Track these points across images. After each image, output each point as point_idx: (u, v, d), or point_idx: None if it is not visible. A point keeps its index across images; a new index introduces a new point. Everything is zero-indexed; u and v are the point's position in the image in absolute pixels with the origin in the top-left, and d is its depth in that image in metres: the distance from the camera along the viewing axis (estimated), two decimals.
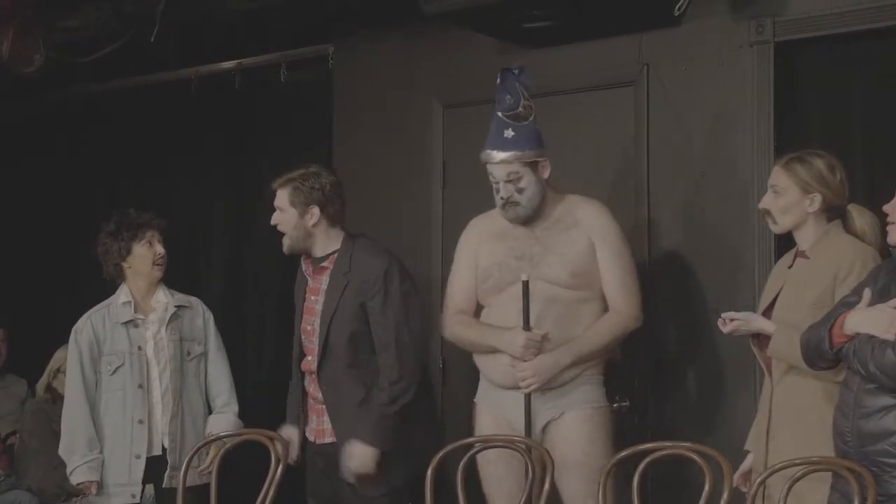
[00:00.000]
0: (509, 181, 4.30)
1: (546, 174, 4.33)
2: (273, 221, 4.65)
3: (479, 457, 4.14)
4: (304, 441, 4.65)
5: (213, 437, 4.62)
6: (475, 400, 4.49)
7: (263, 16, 5.69)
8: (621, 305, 4.29)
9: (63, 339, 5.38)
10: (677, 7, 4.74)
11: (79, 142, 7.07)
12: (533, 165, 4.30)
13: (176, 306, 4.96)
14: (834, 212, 3.89)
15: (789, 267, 3.93)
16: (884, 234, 3.59)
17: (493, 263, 4.37)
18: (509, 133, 4.30)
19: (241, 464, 4.57)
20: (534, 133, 4.33)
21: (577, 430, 4.24)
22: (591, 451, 4.21)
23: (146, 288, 4.96)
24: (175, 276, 5.15)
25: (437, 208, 5.55)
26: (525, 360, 4.22)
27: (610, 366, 4.46)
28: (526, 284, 4.21)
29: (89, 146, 7.02)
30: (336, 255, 4.59)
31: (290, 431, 4.62)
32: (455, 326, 4.49)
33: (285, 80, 6.18)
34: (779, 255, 4.24)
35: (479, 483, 4.33)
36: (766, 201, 3.95)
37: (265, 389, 6.00)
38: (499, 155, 4.31)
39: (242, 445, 4.41)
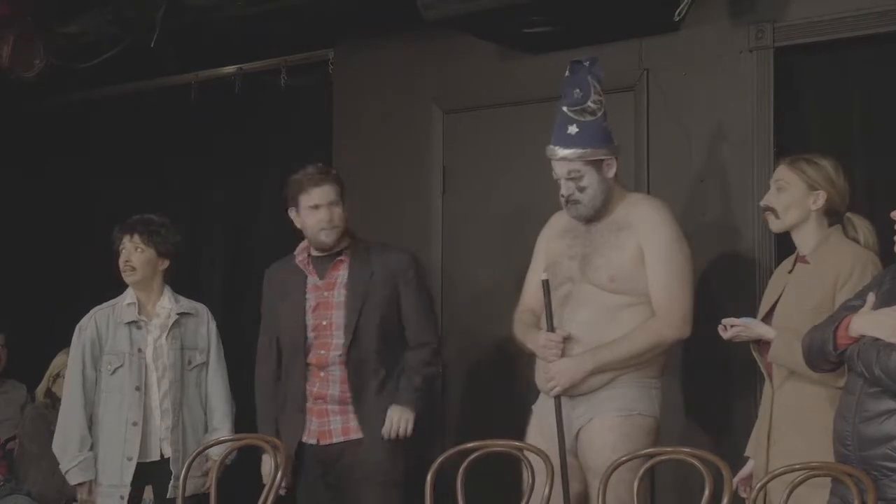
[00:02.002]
0: (570, 179, 4.18)
1: (611, 173, 4.20)
2: (326, 216, 4.56)
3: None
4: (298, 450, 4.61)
5: (211, 442, 4.59)
6: (532, 407, 4.41)
7: (263, 21, 5.69)
8: (661, 312, 4.12)
9: (62, 345, 5.39)
10: (677, 12, 4.75)
11: (79, 147, 7.07)
12: (596, 164, 4.17)
13: (179, 314, 4.92)
14: (834, 216, 3.89)
15: (789, 272, 3.93)
16: (885, 241, 3.58)
17: (551, 262, 4.28)
18: (573, 129, 4.15)
19: (241, 469, 4.57)
20: (600, 130, 4.18)
21: (601, 437, 4.12)
22: (612, 459, 3.91)
23: (145, 292, 4.94)
24: (176, 280, 5.14)
25: (436, 214, 5.55)
26: (549, 362, 4.16)
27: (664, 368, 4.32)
28: (546, 283, 4.15)
29: (90, 151, 7.03)
30: (349, 248, 4.61)
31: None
32: (516, 325, 4.42)
33: (285, 85, 6.19)
34: (779, 260, 4.24)
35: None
36: (769, 198, 3.94)
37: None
38: (560, 152, 4.18)
39: (242, 451, 4.41)
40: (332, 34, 5.95)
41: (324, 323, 4.59)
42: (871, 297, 3.41)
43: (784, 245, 4.23)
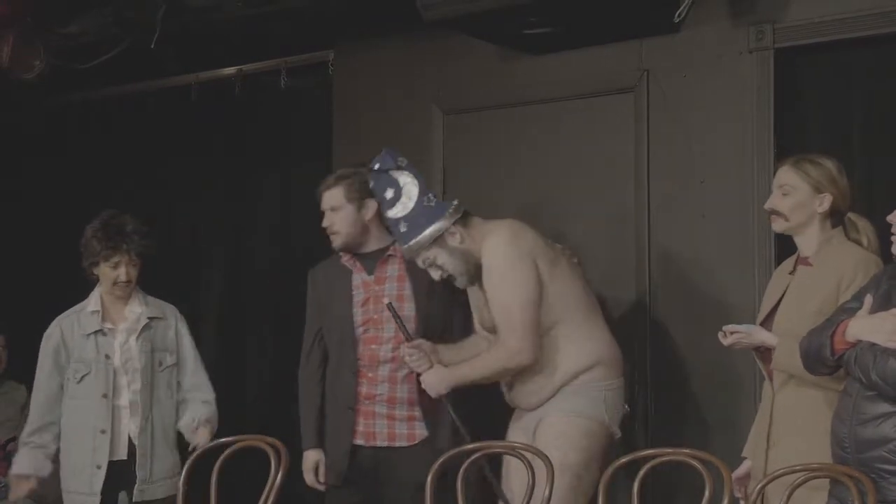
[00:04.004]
0: (426, 265, 4.37)
1: (455, 242, 4.31)
2: (326, 223, 4.62)
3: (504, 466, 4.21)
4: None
5: (212, 444, 4.58)
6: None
7: (263, 22, 5.69)
8: (504, 341, 4.25)
9: None
10: (677, 13, 4.74)
11: (79, 148, 7.07)
12: (439, 240, 4.32)
13: (149, 318, 4.87)
14: (837, 217, 3.88)
15: (790, 273, 3.92)
16: (884, 243, 3.58)
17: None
18: (404, 226, 4.36)
19: (239, 471, 4.57)
20: (421, 217, 4.33)
21: (545, 434, 4.23)
22: (560, 445, 4.13)
23: (122, 297, 4.89)
24: (175, 282, 5.14)
25: None
26: (420, 371, 4.39)
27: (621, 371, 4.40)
28: (390, 306, 4.40)
29: (90, 152, 7.02)
30: (396, 244, 4.57)
31: (315, 455, 4.66)
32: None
33: (285, 87, 6.19)
34: (779, 261, 4.22)
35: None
36: (774, 201, 3.91)
37: (266, 395, 6.00)
38: (406, 252, 4.40)
39: (241, 452, 4.40)
40: (332, 35, 5.95)
41: (375, 317, 4.58)
42: (868, 299, 3.40)
43: (784, 246, 4.23)
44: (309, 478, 4.69)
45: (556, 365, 4.27)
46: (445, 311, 4.60)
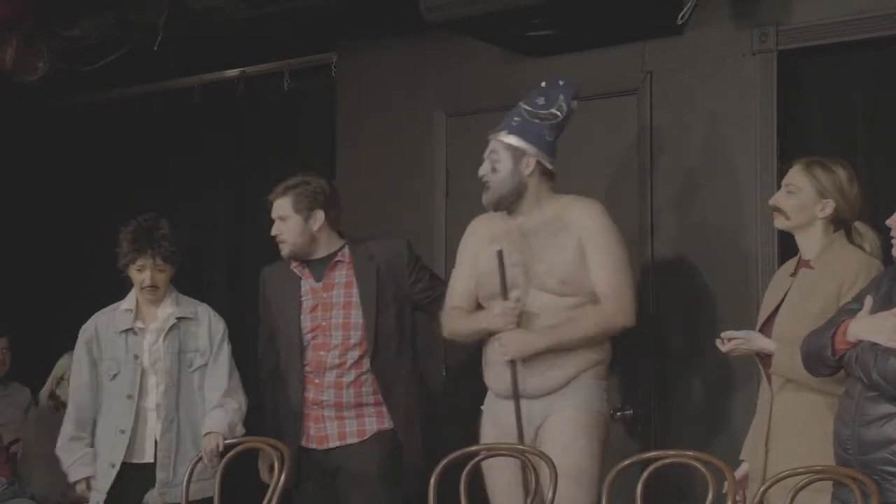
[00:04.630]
0: (489, 160, 4.34)
1: (526, 171, 4.29)
2: (274, 232, 4.69)
3: (484, 465, 4.14)
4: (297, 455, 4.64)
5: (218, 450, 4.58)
6: (482, 408, 4.48)
7: (266, 24, 5.70)
8: (609, 300, 4.22)
9: (66, 348, 5.39)
10: (680, 15, 4.75)
11: (82, 150, 7.07)
12: (516, 155, 4.29)
13: (178, 317, 4.87)
14: (840, 224, 3.87)
15: (791, 275, 3.92)
16: (885, 246, 3.58)
17: (489, 271, 4.33)
18: (516, 120, 4.33)
19: (244, 472, 4.58)
20: (537, 132, 4.30)
21: (559, 429, 4.20)
22: (572, 448, 4.13)
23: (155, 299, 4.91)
24: (177, 283, 5.13)
25: (440, 218, 5.55)
26: (506, 331, 4.26)
27: (612, 371, 4.44)
28: (500, 253, 4.25)
29: (93, 154, 7.03)
30: (346, 248, 4.67)
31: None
32: (451, 322, 4.48)
33: (288, 89, 6.20)
34: (781, 263, 4.23)
35: (481, 491, 4.33)
36: (778, 199, 3.92)
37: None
38: (492, 133, 4.37)
39: (245, 454, 4.41)
40: (336, 37, 5.96)
41: (323, 324, 4.63)
42: (868, 301, 3.41)
43: (787, 248, 4.23)
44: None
45: (576, 352, 4.25)
46: (393, 318, 4.63)
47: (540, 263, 4.26)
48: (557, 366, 4.23)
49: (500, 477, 4.27)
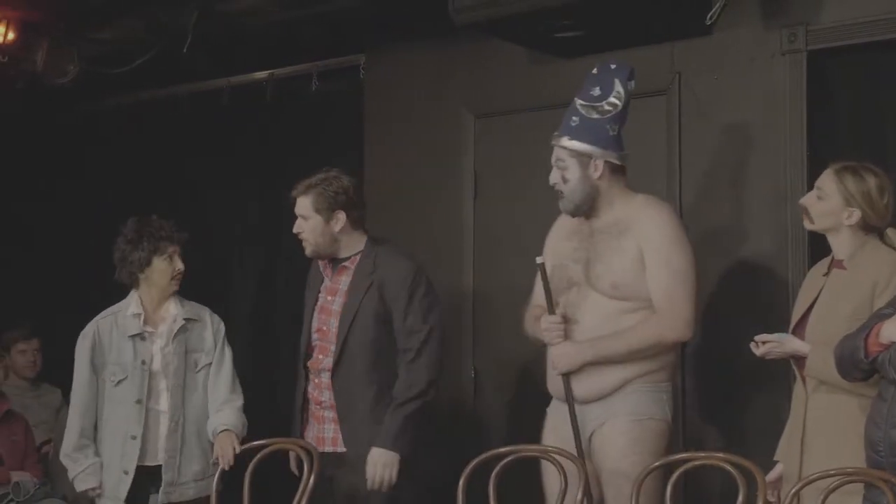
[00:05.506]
0: (557, 168, 4.24)
1: (596, 174, 4.18)
2: (296, 230, 4.61)
3: (542, 464, 4.13)
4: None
5: (244, 447, 4.60)
6: (547, 410, 4.41)
7: (295, 26, 5.72)
8: (663, 313, 4.10)
9: None
10: (709, 16, 4.74)
11: (111, 152, 7.11)
12: (583, 160, 4.18)
13: (185, 319, 4.85)
14: (871, 230, 3.84)
15: (824, 275, 3.90)
16: None
17: (557, 264, 4.27)
18: (575, 121, 4.21)
19: (271, 473, 4.58)
20: (599, 130, 4.17)
21: (613, 441, 4.13)
22: (623, 464, 4.05)
23: (158, 299, 4.86)
24: (207, 285, 5.15)
25: (468, 219, 5.56)
26: (553, 345, 4.19)
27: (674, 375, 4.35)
28: (542, 266, 4.20)
29: (122, 157, 7.07)
30: (359, 255, 4.56)
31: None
32: (526, 322, 4.43)
33: (316, 90, 6.21)
34: (812, 264, 4.20)
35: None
36: (808, 200, 3.91)
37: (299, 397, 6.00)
38: (555, 139, 4.25)
39: (273, 455, 4.42)
40: (364, 39, 5.97)
41: (324, 328, 4.59)
42: None
43: (818, 249, 4.21)
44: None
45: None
46: (367, 337, 4.47)
47: (599, 264, 4.18)
48: (608, 371, 4.15)
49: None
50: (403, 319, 4.46)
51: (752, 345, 3.90)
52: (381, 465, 4.38)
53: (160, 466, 4.71)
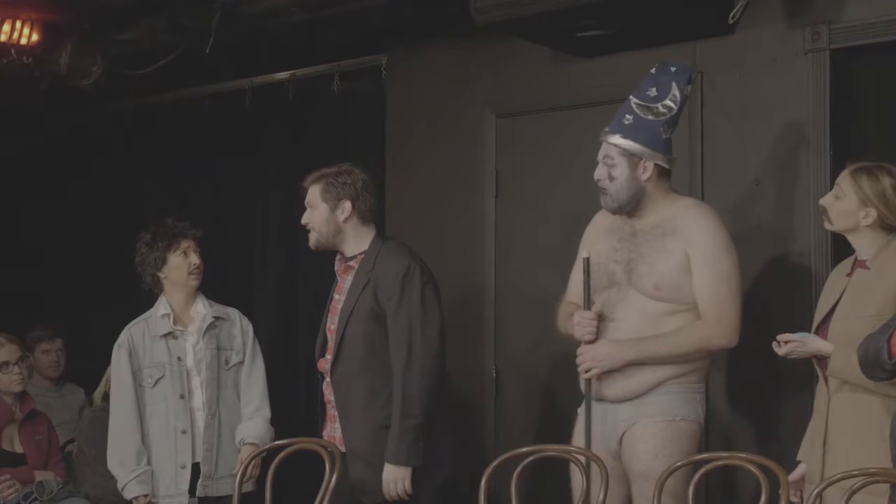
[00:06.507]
0: (604, 164, 4.21)
1: (644, 175, 4.15)
2: (304, 220, 4.62)
3: (572, 470, 4.11)
4: None
5: (264, 448, 4.61)
6: (578, 410, 4.37)
7: (317, 27, 5.73)
8: (710, 319, 4.06)
9: None
10: (732, 14, 4.71)
11: (136, 153, 7.15)
12: (632, 160, 4.15)
13: (214, 317, 4.93)
14: (891, 230, 3.83)
15: (847, 275, 3.88)
16: None
17: (596, 262, 4.22)
18: (628, 119, 4.17)
19: (292, 473, 4.59)
20: (651, 131, 4.14)
21: (644, 442, 4.09)
22: (653, 465, 4.00)
23: (185, 299, 4.93)
24: (229, 285, 5.18)
25: (490, 218, 5.56)
26: (584, 342, 4.16)
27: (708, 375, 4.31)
28: (586, 261, 4.17)
29: (145, 157, 7.10)
30: (364, 254, 4.55)
31: None
32: (559, 317, 4.39)
33: (339, 91, 6.22)
34: (835, 264, 4.19)
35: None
36: (827, 200, 3.91)
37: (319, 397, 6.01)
38: (605, 135, 4.22)
39: (295, 455, 4.42)
40: (385, 39, 5.97)
41: (332, 328, 4.59)
42: None
43: (841, 249, 4.20)
44: None
45: None
46: (361, 332, 4.44)
47: (642, 264, 4.14)
48: (642, 372, 4.11)
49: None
50: (394, 318, 4.41)
51: (774, 344, 3.88)
52: (392, 481, 4.37)
53: (197, 463, 4.79)
